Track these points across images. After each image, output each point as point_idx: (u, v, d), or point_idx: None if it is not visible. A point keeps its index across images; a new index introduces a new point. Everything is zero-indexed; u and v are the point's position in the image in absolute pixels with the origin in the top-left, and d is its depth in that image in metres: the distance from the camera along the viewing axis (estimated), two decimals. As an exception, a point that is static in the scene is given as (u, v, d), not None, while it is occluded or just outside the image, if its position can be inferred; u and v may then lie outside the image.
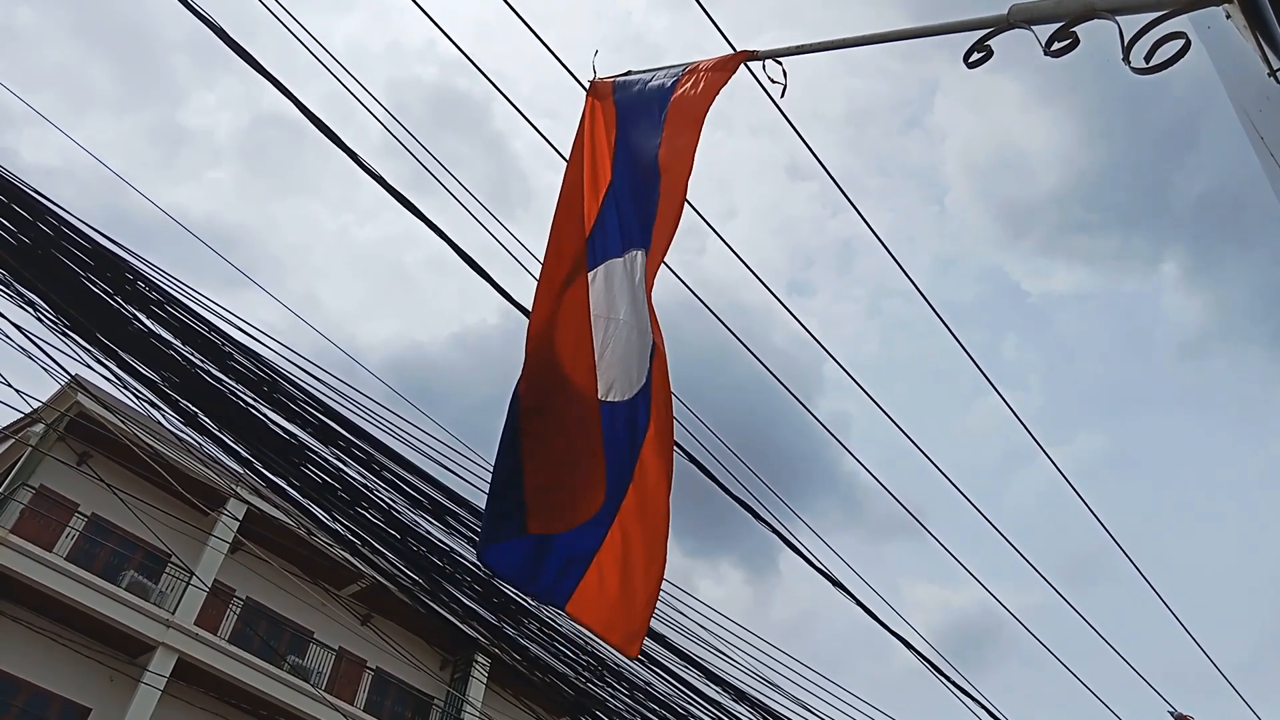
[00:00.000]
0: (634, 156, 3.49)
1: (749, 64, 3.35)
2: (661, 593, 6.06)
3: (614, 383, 3.20)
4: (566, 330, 3.26)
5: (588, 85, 3.85)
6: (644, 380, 3.13)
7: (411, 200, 4.46)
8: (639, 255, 3.26)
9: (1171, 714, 7.79)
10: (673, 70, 3.56)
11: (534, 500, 3.17)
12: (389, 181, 4.44)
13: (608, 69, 3.91)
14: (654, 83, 3.56)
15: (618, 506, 3.12)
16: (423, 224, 4.52)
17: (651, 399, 3.09)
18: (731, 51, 3.45)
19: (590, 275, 3.36)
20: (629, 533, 3.12)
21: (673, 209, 3.10)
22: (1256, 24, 1.61)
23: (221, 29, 4.23)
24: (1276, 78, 1.66)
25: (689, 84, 3.37)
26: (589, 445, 3.10)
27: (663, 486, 3.03)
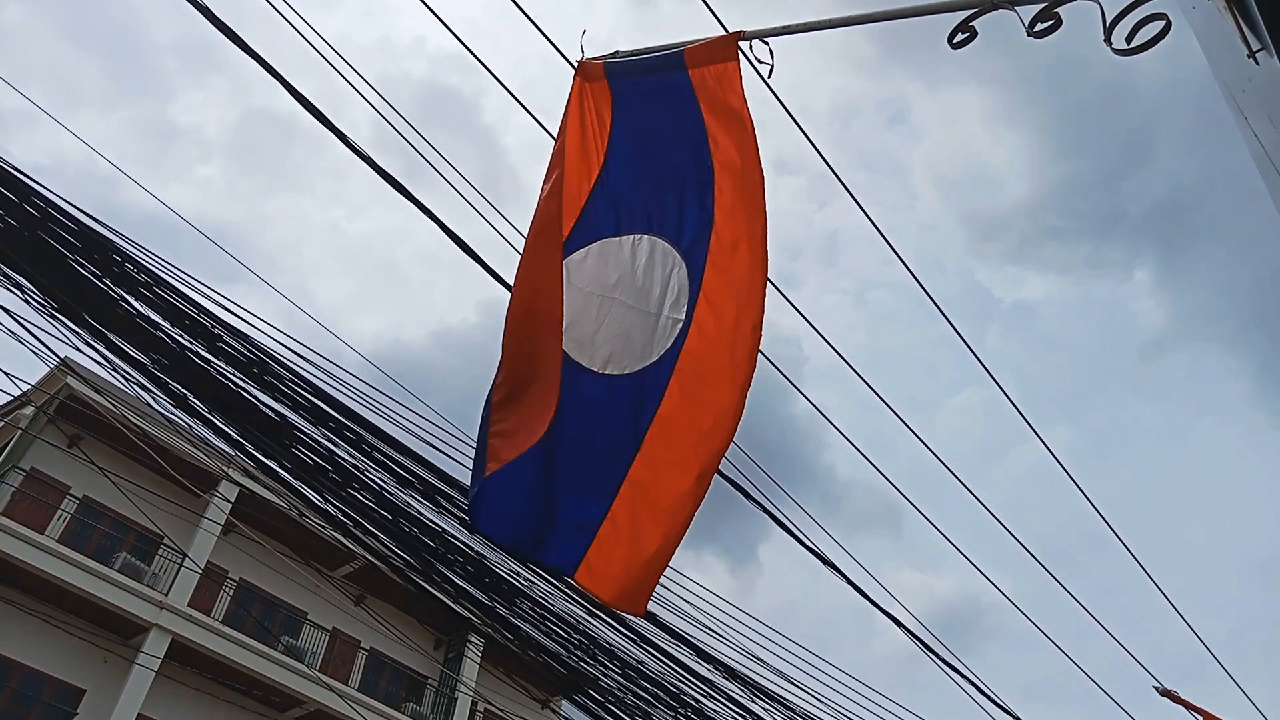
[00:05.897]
0: (657, 149, 3.46)
1: (739, 44, 3.33)
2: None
3: (612, 356, 3.21)
4: (543, 302, 3.28)
5: (576, 65, 3.82)
6: (656, 358, 3.14)
7: (403, 188, 4.45)
8: (662, 243, 3.29)
9: (1156, 689, 7.89)
10: (667, 54, 3.50)
11: (495, 444, 3.24)
12: (380, 164, 4.43)
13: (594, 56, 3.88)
14: (659, 72, 3.50)
15: (621, 477, 3.04)
16: (412, 215, 4.51)
17: (675, 374, 3.08)
18: (724, 34, 3.43)
19: (582, 252, 3.38)
20: (648, 502, 3.02)
21: (753, 207, 3.10)
22: (1234, 3, 1.61)
23: (208, 9, 4.20)
24: (1255, 59, 1.67)
25: (702, 78, 3.34)
26: (548, 394, 3.13)
27: (690, 468, 2.92)
